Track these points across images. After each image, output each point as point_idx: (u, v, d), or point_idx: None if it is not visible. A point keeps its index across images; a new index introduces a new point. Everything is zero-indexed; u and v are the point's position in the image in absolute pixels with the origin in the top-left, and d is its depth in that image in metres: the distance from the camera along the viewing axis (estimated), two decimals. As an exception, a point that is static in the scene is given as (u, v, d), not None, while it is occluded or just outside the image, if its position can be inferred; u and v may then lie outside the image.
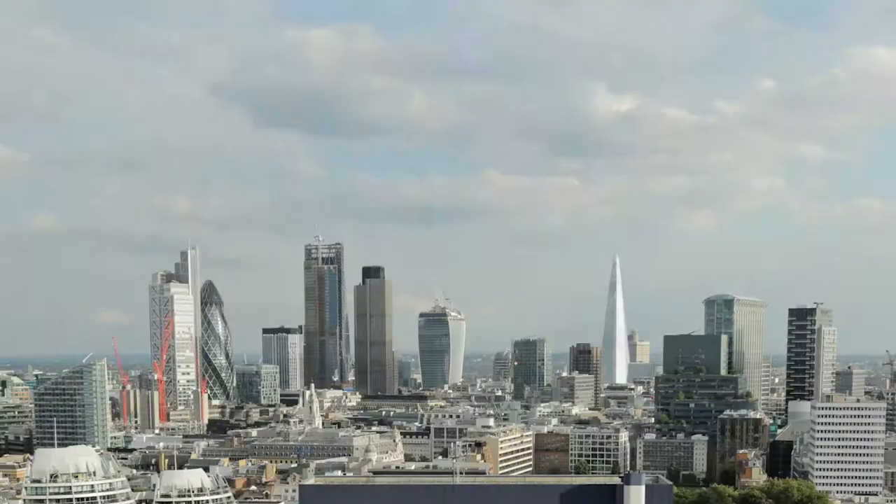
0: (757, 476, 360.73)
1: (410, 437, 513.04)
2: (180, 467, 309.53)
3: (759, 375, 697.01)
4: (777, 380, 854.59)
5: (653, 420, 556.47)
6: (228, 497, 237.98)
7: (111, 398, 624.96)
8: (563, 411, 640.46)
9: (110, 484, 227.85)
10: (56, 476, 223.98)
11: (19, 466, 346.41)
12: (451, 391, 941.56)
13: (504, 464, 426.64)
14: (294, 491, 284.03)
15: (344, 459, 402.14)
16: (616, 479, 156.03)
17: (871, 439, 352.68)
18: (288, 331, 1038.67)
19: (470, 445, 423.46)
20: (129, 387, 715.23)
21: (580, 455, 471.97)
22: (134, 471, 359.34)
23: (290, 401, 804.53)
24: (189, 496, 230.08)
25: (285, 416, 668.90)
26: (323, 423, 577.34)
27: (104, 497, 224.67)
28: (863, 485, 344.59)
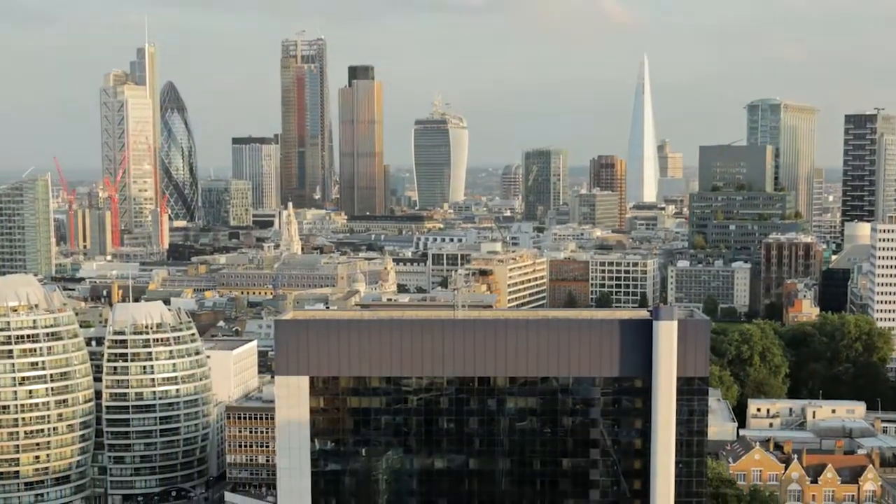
0: (808, 309, 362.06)
1: (404, 264, 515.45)
2: (136, 300, 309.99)
3: (811, 192, 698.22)
4: (831, 198, 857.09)
5: (686, 245, 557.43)
6: (192, 334, 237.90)
7: (56, 219, 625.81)
8: (581, 234, 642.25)
9: (55, 319, 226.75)
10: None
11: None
12: (451, 211, 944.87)
13: (513, 295, 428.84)
14: (268, 327, 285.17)
15: (327, 290, 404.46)
16: (644, 314, 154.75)
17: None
18: (262, 141, 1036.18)
19: (473, 274, 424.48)
20: (76, 206, 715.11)
21: (602, 285, 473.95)
22: (82, 303, 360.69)
23: (264, 222, 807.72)
24: (146, 333, 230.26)
25: (258, 239, 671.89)
26: (302, 249, 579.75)
27: (48, 334, 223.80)
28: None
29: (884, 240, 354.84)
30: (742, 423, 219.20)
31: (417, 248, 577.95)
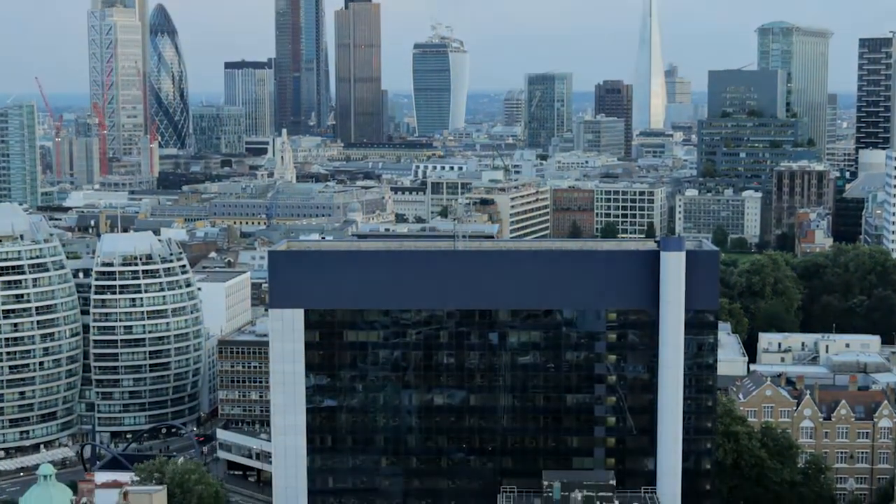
0: (821, 240, 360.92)
1: (403, 193, 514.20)
2: (125, 230, 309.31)
3: (824, 119, 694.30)
4: (845, 124, 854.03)
5: (695, 173, 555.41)
6: (183, 265, 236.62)
7: (41, 147, 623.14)
8: (586, 162, 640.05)
9: (40, 250, 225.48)
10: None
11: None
12: (451, 138, 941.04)
13: (515, 225, 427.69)
14: (262, 258, 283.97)
15: (322, 220, 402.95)
16: (651, 244, 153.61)
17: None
18: (255, 65, 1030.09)
19: (475, 203, 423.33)
20: (63, 133, 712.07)
21: (607, 215, 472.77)
22: (69, 234, 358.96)
23: (257, 150, 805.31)
24: (135, 264, 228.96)
25: (252, 167, 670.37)
26: (297, 177, 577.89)
27: (32, 265, 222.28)
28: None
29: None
30: (753, 358, 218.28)
31: (416, 177, 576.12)
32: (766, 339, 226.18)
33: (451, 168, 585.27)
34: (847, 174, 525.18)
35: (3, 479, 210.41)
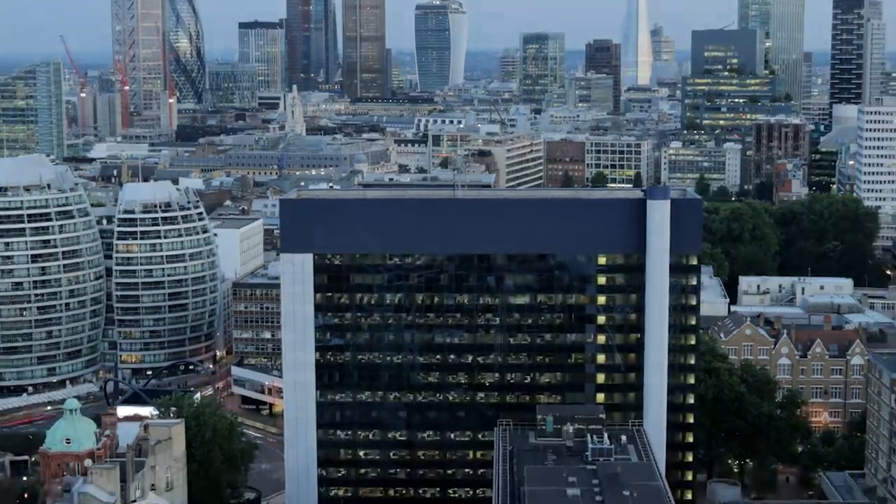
0: (797, 189, 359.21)
1: (405, 145, 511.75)
2: (145, 179, 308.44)
3: (800, 76, 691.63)
4: (820, 80, 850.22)
5: (679, 126, 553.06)
6: (200, 213, 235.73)
7: (67, 102, 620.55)
8: (577, 117, 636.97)
9: (66, 198, 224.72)
10: (5, 189, 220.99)
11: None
12: (451, 93, 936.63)
13: (511, 175, 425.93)
14: (274, 206, 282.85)
15: (330, 171, 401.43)
16: (638, 193, 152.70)
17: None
18: (268, 25, 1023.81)
19: (473, 155, 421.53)
20: (87, 90, 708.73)
21: (597, 166, 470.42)
22: (93, 183, 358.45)
23: (269, 104, 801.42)
24: (155, 212, 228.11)
25: (264, 121, 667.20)
26: (307, 130, 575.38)
27: (59, 213, 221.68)
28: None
29: (870, 122, 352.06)
30: (733, 300, 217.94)
31: (418, 130, 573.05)
32: (745, 282, 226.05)
33: (451, 122, 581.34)
34: (822, 127, 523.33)
35: (32, 412, 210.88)
